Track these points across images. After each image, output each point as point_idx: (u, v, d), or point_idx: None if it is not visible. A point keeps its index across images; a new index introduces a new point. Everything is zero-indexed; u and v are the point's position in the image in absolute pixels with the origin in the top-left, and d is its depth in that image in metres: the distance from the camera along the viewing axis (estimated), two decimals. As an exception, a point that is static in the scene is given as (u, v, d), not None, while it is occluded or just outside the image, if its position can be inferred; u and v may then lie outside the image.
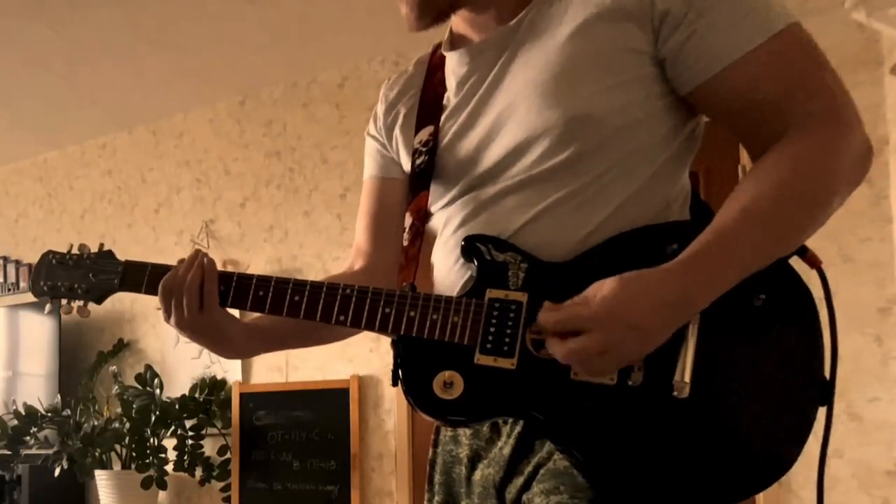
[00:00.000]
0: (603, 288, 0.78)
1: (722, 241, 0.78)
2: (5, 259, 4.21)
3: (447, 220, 0.97)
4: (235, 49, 3.13)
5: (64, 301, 1.01)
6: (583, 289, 0.80)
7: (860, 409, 2.18)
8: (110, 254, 1.01)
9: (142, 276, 0.97)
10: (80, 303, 1.01)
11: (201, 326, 0.95)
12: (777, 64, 0.81)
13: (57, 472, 3.25)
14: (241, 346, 1.01)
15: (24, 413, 3.43)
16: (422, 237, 0.99)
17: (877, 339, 2.18)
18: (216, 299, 0.94)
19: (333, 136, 3.29)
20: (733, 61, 0.81)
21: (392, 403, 3.00)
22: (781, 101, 0.81)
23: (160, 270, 0.97)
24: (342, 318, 0.90)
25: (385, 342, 3.00)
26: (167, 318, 0.95)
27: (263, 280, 0.93)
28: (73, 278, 1.00)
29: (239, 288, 0.94)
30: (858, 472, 2.16)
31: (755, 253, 0.79)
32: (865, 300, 2.19)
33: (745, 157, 2.37)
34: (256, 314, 0.99)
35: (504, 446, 0.91)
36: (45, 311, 1.03)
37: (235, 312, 0.97)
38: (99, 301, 1.01)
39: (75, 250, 1.02)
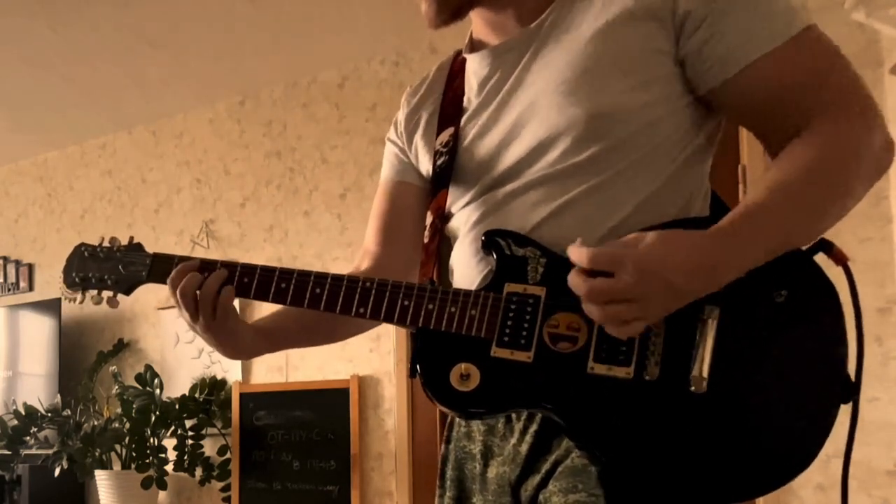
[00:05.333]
0: (646, 238, 0.77)
1: (753, 215, 0.79)
2: (5, 259, 4.21)
3: (467, 218, 0.97)
4: (235, 49, 3.13)
5: (94, 292, 1.04)
6: None
7: (860, 409, 2.18)
8: (139, 246, 1.03)
9: (169, 268, 0.99)
10: (110, 293, 1.03)
11: (213, 331, 0.97)
12: (797, 62, 0.82)
13: (57, 472, 3.25)
14: (248, 347, 1.02)
15: (24, 413, 3.43)
16: (440, 234, 1.00)
17: (877, 340, 2.18)
18: (229, 309, 0.96)
19: (333, 136, 3.29)
20: (753, 60, 0.82)
21: (392, 403, 3.01)
22: (803, 96, 0.83)
23: (208, 266, 0.98)
24: (361, 310, 0.91)
25: (385, 342, 3.00)
26: (180, 313, 0.98)
27: (286, 273, 0.95)
28: (104, 270, 1.03)
29: (262, 280, 0.95)
30: (858, 472, 2.16)
31: (784, 231, 0.79)
32: (865, 300, 2.18)
33: (745, 156, 2.38)
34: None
35: (520, 444, 0.91)
36: (77, 302, 1.07)
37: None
38: (128, 292, 1.03)
39: (106, 243, 1.05)
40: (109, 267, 1.02)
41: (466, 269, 0.96)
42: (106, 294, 1.03)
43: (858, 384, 0.81)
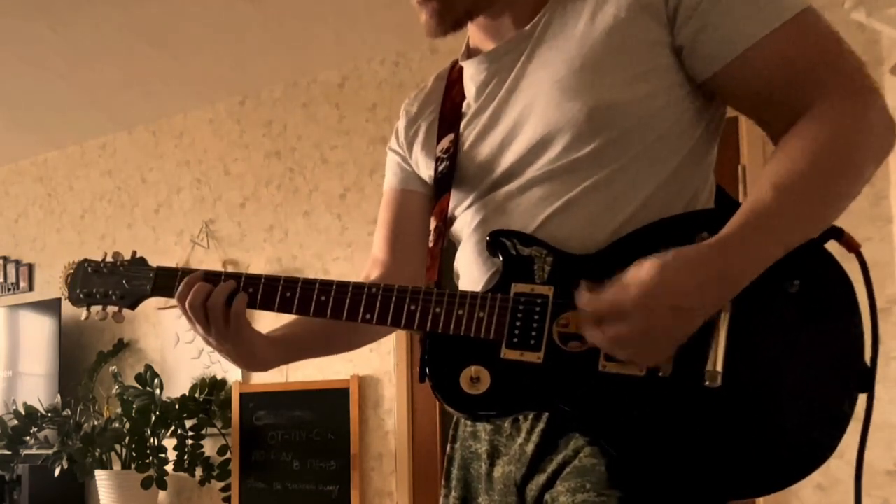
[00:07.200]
0: (641, 271, 0.76)
1: (757, 216, 0.77)
2: (5, 259, 4.21)
3: (470, 220, 0.97)
4: (235, 49, 3.13)
5: (99, 308, 1.04)
6: (610, 280, 0.80)
7: (861, 409, 2.17)
8: (142, 261, 1.03)
9: (172, 282, 0.99)
10: (115, 308, 1.03)
11: (228, 342, 0.97)
12: (794, 45, 0.82)
13: (57, 472, 3.25)
14: (265, 358, 1.02)
15: (24, 413, 3.43)
16: (444, 237, 1.00)
17: (877, 339, 2.17)
18: (243, 319, 0.96)
19: (333, 136, 3.29)
20: (749, 46, 0.82)
21: (392, 403, 3.00)
22: (800, 80, 0.82)
23: (193, 275, 0.98)
24: (368, 316, 0.91)
25: (385, 342, 3.00)
26: (192, 328, 0.98)
27: (290, 281, 0.94)
28: (108, 285, 1.03)
29: (266, 290, 0.95)
30: (858, 472, 2.16)
31: (793, 226, 0.78)
32: (865, 300, 2.18)
33: (745, 156, 2.38)
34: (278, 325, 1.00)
35: (526, 443, 0.91)
36: (83, 318, 1.06)
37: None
38: (133, 307, 1.03)
39: (109, 258, 1.05)
40: (113, 282, 1.02)
41: (472, 270, 0.96)
42: (111, 309, 1.03)
43: (874, 371, 0.80)
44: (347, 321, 0.92)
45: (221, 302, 0.94)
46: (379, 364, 3.05)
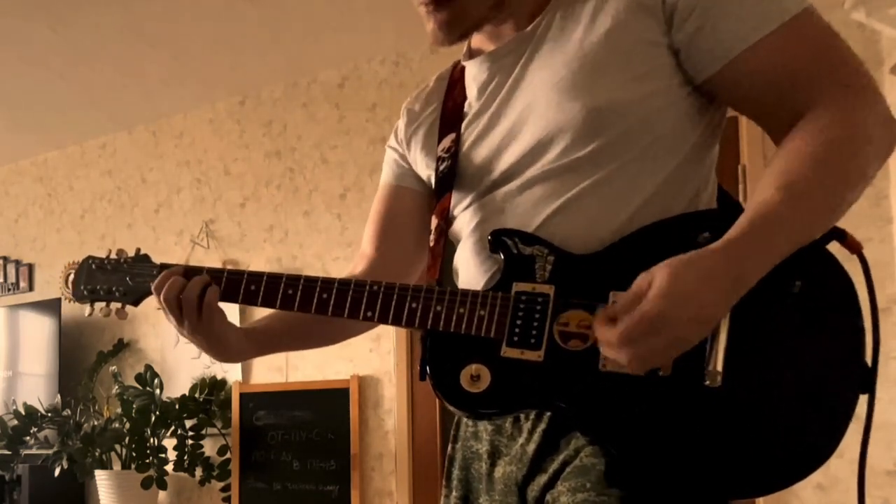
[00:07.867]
0: (654, 280, 0.74)
1: (765, 219, 0.76)
2: (5, 259, 4.21)
3: (469, 220, 0.98)
4: (235, 49, 3.13)
5: (103, 304, 1.05)
6: (611, 280, 0.80)
7: (860, 409, 2.17)
8: (146, 257, 1.04)
9: None
10: (119, 305, 1.04)
11: (199, 334, 0.98)
12: (792, 46, 0.82)
13: (57, 472, 3.25)
14: (238, 350, 1.03)
15: (24, 413, 3.43)
16: (445, 236, 1.00)
17: (877, 339, 2.18)
18: (215, 311, 0.97)
19: (333, 136, 3.29)
20: (747, 47, 0.82)
21: (392, 403, 3.00)
22: (799, 82, 0.82)
23: (194, 272, 0.99)
24: (370, 314, 0.91)
25: (385, 342, 3.00)
26: (167, 318, 0.99)
27: (292, 279, 0.95)
28: (112, 282, 1.04)
29: (268, 287, 0.96)
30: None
31: (800, 228, 0.77)
32: (865, 300, 2.18)
33: (745, 156, 2.37)
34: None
35: (527, 444, 0.91)
36: (86, 314, 1.08)
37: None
38: (136, 303, 1.04)
39: (113, 255, 1.06)
40: (117, 279, 1.03)
41: (471, 269, 0.96)
42: (114, 306, 1.04)
43: (875, 370, 0.80)
44: (349, 319, 0.93)
45: (195, 294, 0.95)
46: (379, 364, 3.05)
